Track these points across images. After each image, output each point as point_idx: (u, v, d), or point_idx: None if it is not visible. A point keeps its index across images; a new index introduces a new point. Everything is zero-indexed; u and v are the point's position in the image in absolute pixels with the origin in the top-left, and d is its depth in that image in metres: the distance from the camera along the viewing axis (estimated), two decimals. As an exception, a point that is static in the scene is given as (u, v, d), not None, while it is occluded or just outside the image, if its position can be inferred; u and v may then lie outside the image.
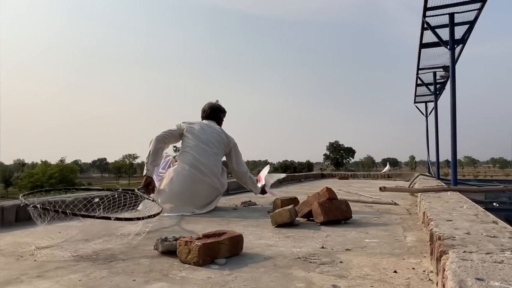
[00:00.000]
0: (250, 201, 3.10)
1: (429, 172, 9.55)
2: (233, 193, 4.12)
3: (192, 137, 2.76)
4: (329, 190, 2.20)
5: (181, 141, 2.82)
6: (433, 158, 9.79)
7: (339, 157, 72.62)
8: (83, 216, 1.57)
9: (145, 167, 2.61)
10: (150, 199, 2.29)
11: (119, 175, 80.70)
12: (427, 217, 1.67)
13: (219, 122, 3.02)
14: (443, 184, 3.94)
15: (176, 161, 2.75)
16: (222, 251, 1.36)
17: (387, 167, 8.81)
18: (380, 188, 3.00)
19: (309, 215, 2.20)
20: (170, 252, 1.43)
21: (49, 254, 1.45)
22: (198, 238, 1.37)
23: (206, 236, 1.41)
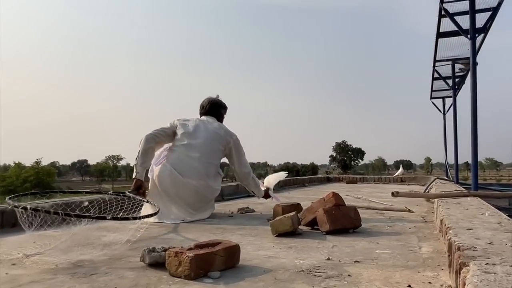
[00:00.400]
0: (247, 207, 3.10)
1: (446, 176, 9.57)
2: (229, 199, 4.12)
3: (183, 135, 2.75)
4: (335, 195, 2.20)
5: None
6: (451, 160, 9.81)
7: (346, 159, 72.65)
8: (77, 216, 1.61)
9: (134, 170, 2.62)
10: (144, 200, 2.32)
11: (101, 178, 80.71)
12: (445, 225, 1.67)
13: (220, 118, 3.02)
14: (463, 189, 3.94)
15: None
16: (217, 263, 1.35)
17: (400, 169, 8.81)
18: (393, 193, 3.01)
19: (313, 223, 2.20)
20: (158, 264, 1.42)
21: (40, 261, 1.51)
22: (190, 249, 1.37)
23: (199, 246, 1.40)
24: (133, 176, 2.59)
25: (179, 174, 2.61)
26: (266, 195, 3.18)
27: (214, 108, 2.99)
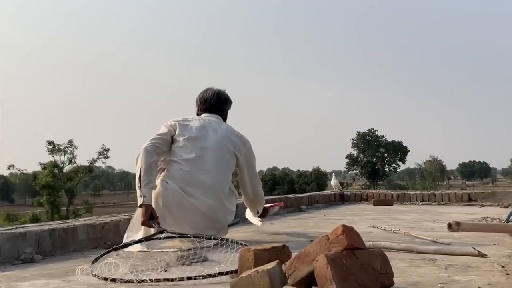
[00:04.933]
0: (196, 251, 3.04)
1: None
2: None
3: (187, 141, 3.53)
4: (348, 231, 2.16)
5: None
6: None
7: (376, 160, 72.60)
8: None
9: (138, 193, 3.26)
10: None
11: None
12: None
13: (224, 118, 3.88)
14: None
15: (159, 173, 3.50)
16: None
17: (334, 181, 8.97)
18: (450, 225, 3.01)
19: (309, 282, 2.16)
20: None
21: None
22: None
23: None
24: (140, 202, 3.23)
25: (186, 193, 3.36)
26: (264, 211, 4.13)
27: (221, 104, 3.83)
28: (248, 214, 4.22)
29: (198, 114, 3.83)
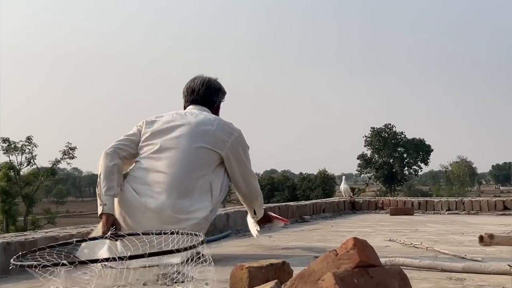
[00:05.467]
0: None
1: None
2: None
3: (150, 137, 3.63)
4: (361, 245, 2.16)
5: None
6: None
7: (394, 161, 72.52)
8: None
9: (98, 201, 3.37)
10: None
11: None
12: None
13: (215, 110, 3.96)
14: None
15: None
16: None
17: (343, 185, 9.03)
18: (482, 238, 3.00)
19: (314, 306, 2.15)
20: None
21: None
22: None
23: None
24: (100, 212, 3.34)
25: (137, 193, 3.43)
26: (266, 218, 4.19)
27: (211, 94, 3.87)
28: (249, 219, 4.26)
29: (184, 107, 3.88)
